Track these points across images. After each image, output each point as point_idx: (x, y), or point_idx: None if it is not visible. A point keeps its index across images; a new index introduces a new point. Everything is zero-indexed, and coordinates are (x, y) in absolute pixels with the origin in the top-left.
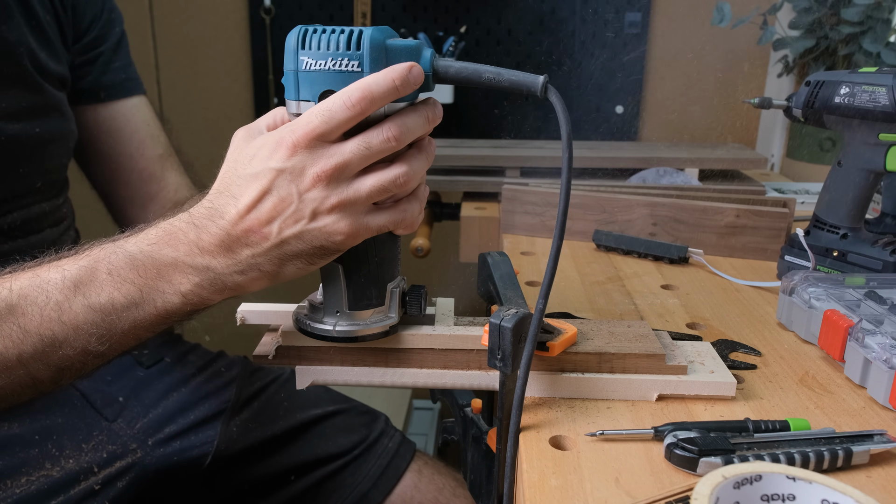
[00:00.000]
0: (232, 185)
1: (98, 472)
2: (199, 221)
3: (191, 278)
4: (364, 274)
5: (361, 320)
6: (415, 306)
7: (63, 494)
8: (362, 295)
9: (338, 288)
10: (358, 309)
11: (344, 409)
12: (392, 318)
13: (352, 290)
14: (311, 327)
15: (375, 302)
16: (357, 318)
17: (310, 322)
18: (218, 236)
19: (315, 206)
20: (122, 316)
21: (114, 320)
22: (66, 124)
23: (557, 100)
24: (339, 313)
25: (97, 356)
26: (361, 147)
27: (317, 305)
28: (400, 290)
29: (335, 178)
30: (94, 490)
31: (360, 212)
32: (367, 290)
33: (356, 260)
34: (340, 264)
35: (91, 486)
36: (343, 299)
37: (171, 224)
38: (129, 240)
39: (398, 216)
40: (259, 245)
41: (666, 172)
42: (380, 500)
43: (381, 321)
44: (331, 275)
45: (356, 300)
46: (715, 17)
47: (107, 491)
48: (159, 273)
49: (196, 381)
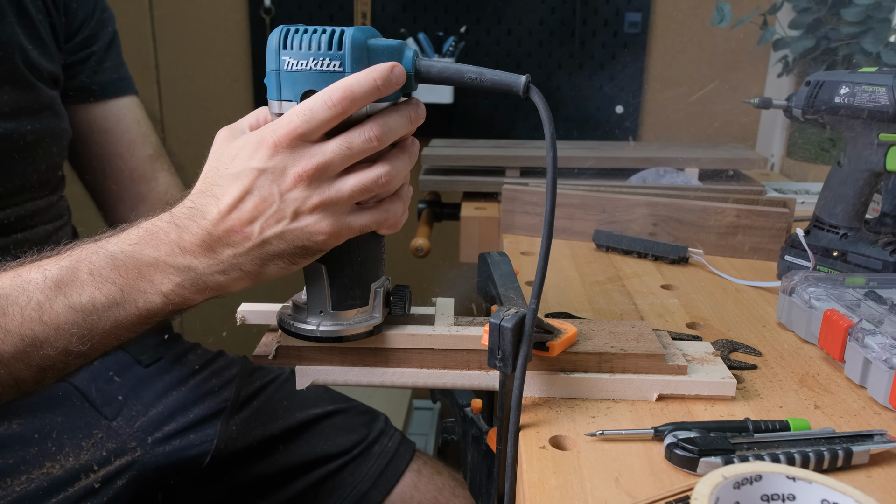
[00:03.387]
0: (214, 184)
1: (98, 471)
2: (181, 221)
3: (172, 278)
4: (348, 274)
5: (345, 320)
6: (399, 306)
7: (62, 493)
8: (346, 295)
9: (321, 288)
10: (342, 309)
11: (343, 409)
12: (376, 317)
13: (335, 290)
14: (295, 327)
15: (359, 302)
16: (341, 318)
17: (293, 322)
18: (199, 236)
19: (297, 206)
20: (104, 316)
21: (95, 320)
22: (60, 122)
23: (540, 99)
24: (323, 313)
25: (79, 356)
26: (343, 147)
27: (301, 306)
28: (384, 289)
29: (317, 177)
30: (94, 488)
31: (342, 212)
32: (351, 291)
33: (339, 260)
34: (324, 264)
35: (91, 485)
36: (327, 299)
37: (152, 224)
38: (110, 240)
39: (381, 216)
40: (241, 245)
41: (666, 172)
42: (379, 499)
43: (364, 321)
44: (314, 275)
45: (340, 300)
46: (715, 17)
47: (106, 489)
48: (140, 273)
49: (195, 380)
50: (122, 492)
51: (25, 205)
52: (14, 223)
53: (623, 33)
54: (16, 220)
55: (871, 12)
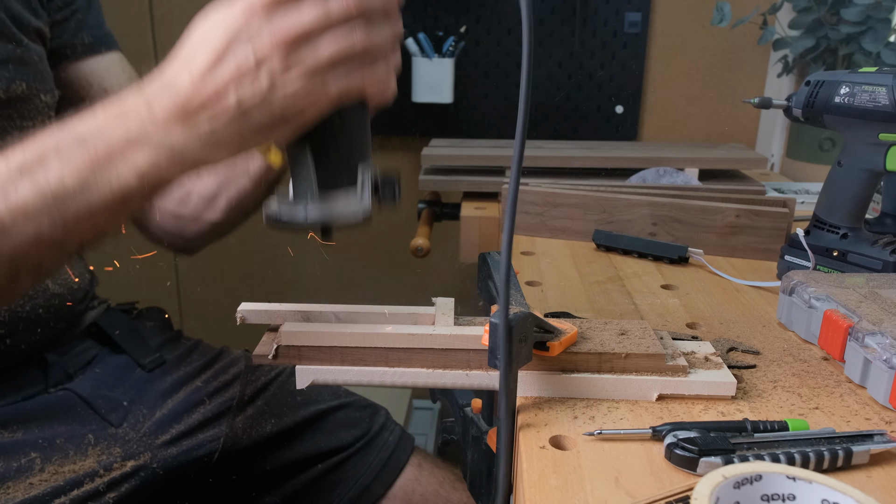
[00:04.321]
0: (185, 54)
1: (103, 476)
2: (152, 94)
3: (146, 154)
4: (333, 152)
5: (333, 204)
6: (388, 194)
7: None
8: (332, 175)
9: (306, 168)
10: (328, 189)
11: (346, 404)
12: (365, 203)
13: (321, 170)
14: (282, 217)
15: (346, 182)
16: (328, 201)
17: (280, 213)
18: (171, 108)
19: (272, 72)
20: (76, 199)
21: (67, 204)
22: (47, 81)
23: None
24: (310, 198)
25: (52, 245)
26: (320, 11)
27: (285, 199)
28: (372, 173)
29: (293, 43)
30: (99, 491)
31: (320, 77)
32: (337, 170)
33: (324, 137)
34: (308, 143)
35: (96, 489)
36: (312, 180)
37: (121, 100)
38: (77, 122)
39: (362, 81)
40: (215, 113)
41: (666, 172)
42: (382, 491)
43: (353, 206)
44: (298, 156)
45: (325, 181)
46: (715, 17)
47: (112, 493)
48: (111, 152)
49: (199, 379)
50: (130, 496)
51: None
52: None
53: (623, 33)
54: None
55: (871, 12)
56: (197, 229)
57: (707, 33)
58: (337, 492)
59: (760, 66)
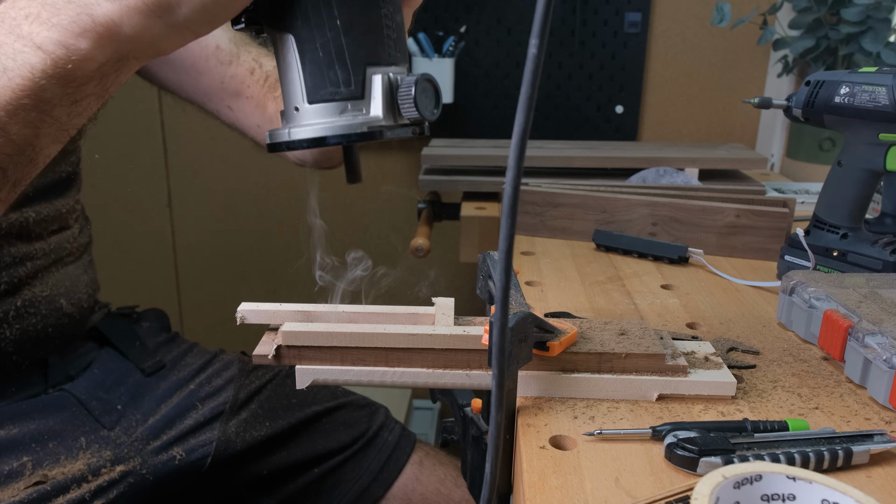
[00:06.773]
0: None
1: (91, 482)
2: None
3: (43, 22)
4: (322, 44)
5: (326, 118)
6: (408, 104)
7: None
8: (323, 77)
9: (292, 70)
10: (319, 100)
11: (344, 404)
12: (376, 114)
13: (307, 70)
14: (269, 139)
15: (344, 89)
16: (320, 114)
17: (269, 136)
18: None
19: None
20: None
21: None
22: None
23: None
24: (298, 111)
25: None
26: None
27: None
28: (387, 78)
29: None
30: (85, 499)
31: None
32: (330, 71)
33: (309, 20)
34: (290, 33)
35: (83, 496)
36: (299, 87)
37: None
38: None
39: None
40: None
41: (666, 172)
42: (380, 493)
43: (353, 117)
44: (282, 52)
45: (315, 86)
46: (715, 17)
47: (100, 499)
48: (8, 29)
49: (194, 383)
50: (118, 501)
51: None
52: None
53: (623, 33)
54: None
55: (871, 12)
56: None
57: (707, 33)
58: (334, 495)
59: (760, 66)
